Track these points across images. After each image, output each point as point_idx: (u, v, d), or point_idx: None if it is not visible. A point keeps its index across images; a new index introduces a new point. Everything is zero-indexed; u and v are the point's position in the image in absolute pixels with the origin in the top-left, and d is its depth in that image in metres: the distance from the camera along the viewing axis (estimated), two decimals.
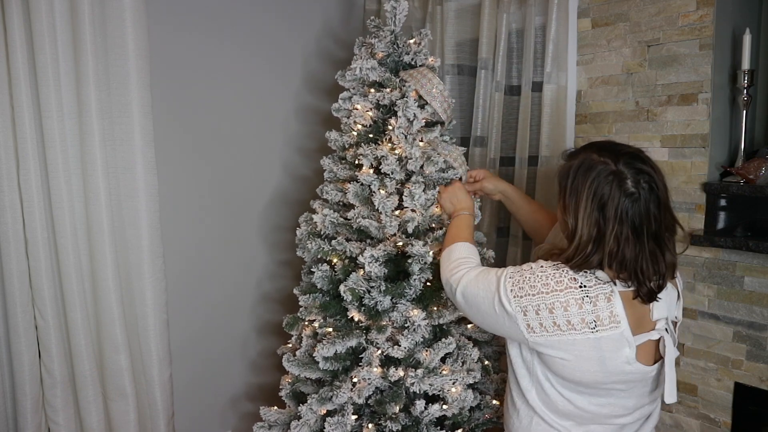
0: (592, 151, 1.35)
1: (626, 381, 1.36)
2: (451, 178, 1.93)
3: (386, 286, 1.78)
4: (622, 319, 1.29)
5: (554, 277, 1.32)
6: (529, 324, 1.33)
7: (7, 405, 1.99)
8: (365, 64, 1.93)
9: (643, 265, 1.29)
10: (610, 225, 1.28)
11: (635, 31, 2.20)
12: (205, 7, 2.42)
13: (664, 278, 1.33)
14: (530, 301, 1.32)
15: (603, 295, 1.29)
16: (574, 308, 1.29)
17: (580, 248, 1.31)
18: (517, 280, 1.36)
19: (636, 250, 1.28)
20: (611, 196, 1.28)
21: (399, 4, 1.96)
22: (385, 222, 1.82)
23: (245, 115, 2.61)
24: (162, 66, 2.27)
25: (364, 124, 1.95)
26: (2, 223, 1.89)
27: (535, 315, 1.32)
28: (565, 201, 1.36)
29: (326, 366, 1.81)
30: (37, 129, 1.92)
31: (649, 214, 1.29)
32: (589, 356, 1.31)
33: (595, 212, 1.29)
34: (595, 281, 1.31)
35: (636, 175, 1.30)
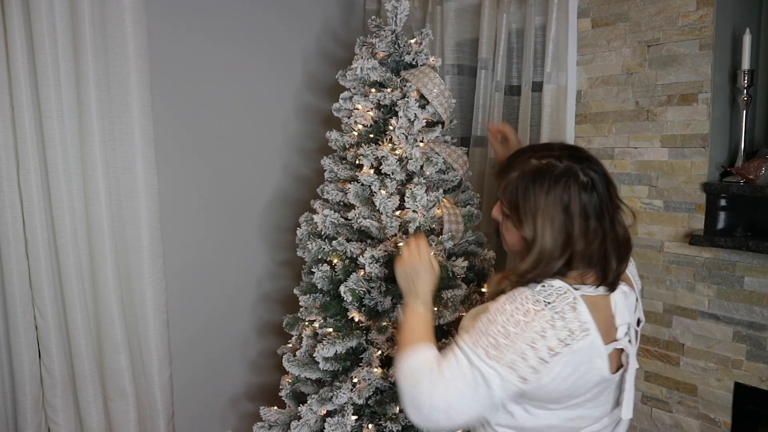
0: (528, 158, 1.27)
1: (595, 392, 1.27)
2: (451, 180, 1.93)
3: (387, 286, 1.78)
4: (591, 326, 1.18)
5: (518, 311, 1.17)
6: (522, 376, 1.16)
7: (7, 405, 1.99)
8: (366, 63, 1.93)
9: (608, 251, 1.23)
10: (576, 224, 1.20)
11: (635, 31, 2.20)
12: (205, 6, 2.42)
13: (625, 258, 1.28)
14: (513, 351, 1.15)
15: (568, 306, 1.18)
16: (549, 332, 1.16)
17: (543, 259, 1.21)
18: (484, 342, 1.17)
19: (601, 238, 1.22)
20: (572, 195, 1.20)
21: (400, 3, 1.96)
22: (385, 222, 1.81)
23: (245, 115, 2.61)
24: (162, 66, 2.27)
25: (364, 124, 1.95)
26: (2, 223, 1.89)
27: (523, 362, 1.15)
28: (520, 215, 1.25)
29: (326, 366, 1.81)
30: (37, 129, 1.92)
31: (602, 198, 1.23)
32: (565, 374, 1.19)
33: (560, 216, 1.20)
34: (555, 293, 1.19)
35: (582, 165, 1.24)
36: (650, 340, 2.27)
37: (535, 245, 1.21)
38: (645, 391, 2.30)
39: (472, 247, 1.98)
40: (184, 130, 2.41)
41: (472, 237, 2.00)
